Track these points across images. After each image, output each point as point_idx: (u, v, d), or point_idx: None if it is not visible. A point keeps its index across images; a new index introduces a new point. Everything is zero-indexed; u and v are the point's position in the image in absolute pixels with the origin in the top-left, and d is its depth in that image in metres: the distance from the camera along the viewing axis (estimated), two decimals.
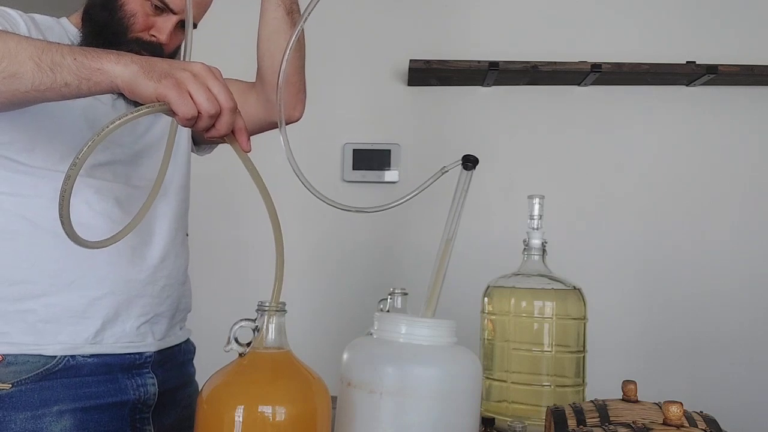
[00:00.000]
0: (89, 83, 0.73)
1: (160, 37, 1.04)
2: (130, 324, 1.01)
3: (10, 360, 0.93)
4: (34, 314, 0.95)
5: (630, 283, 2.01)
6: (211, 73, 0.72)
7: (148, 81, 0.70)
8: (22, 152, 0.94)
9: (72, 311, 0.96)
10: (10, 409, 0.91)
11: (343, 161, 2.02)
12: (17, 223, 0.95)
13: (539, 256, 1.15)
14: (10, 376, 0.92)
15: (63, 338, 0.96)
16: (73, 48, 0.76)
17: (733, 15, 2.06)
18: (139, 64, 0.71)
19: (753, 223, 2.01)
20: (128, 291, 1.01)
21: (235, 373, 0.68)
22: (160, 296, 1.06)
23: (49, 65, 0.74)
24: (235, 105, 0.72)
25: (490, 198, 1.95)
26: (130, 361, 1.01)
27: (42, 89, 0.75)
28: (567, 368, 1.11)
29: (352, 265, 2.04)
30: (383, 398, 0.70)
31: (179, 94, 0.69)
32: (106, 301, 0.99)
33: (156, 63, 0.72)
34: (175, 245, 1.10)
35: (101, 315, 0.98)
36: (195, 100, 0.69)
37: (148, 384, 1.03)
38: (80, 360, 0.96)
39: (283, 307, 0.70)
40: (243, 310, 0.76)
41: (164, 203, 1.09)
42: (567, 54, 1.97)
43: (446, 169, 0.92)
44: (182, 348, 1.15)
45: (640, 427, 0.67)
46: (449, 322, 0.76)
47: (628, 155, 2.05)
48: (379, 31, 2.11)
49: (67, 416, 0.93)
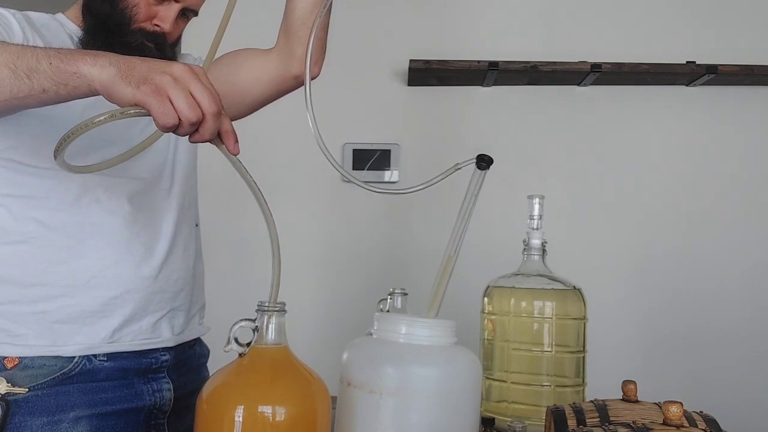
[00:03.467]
0: (67, 88, 0.70)
1: (163, 26, 1.03)
2: (147, 320, 1.01)
3: (27, 363, 0.92)
4: (51, 315, 0.94)
5: (630, 283, 2.01)
6: (193, 76, 0.68)
7: (126, 86, 0.66)
8: (27, 154, 0.94)
9: (89, 312, 0.96)
10: (26, 414, 0.90)
11: (343, 161, 2.02)
12: (28, 226, 0.95)
13: (539, 256, 1.15)
14: (27, 380, 0.91)
15: (80, 339, 0.95)
16: (49, 51, 0.72)
17: (733, 15, 2.06)
18: (117, 67, 0.67)
19: (752, 222, 2.01)
20: (143, 288, 1.00)
21: (235, 374, 0.68)
22: (173, 290, 1.05)
23: (25, 71, 0.71)
24: (218, 109, 0.68)
25: (490, 198, 1.94)
26: (146, 366, 1.01)
27: (21, 96, 0.72)
28: (567, 368, 1.11)
29: (352, 265, 2.04)
30: (383, 398, 0.70)
31: (159, 102, 0.65)
32: (122, 300, 0.98)
33: (135, 65, 0.68)
34: (182, 237, 1.09)
35: (119, 314, 0.98)
36: (175, 107, 0.65)
37: (164, 389, 1.03)
38: (97, 364, 0.96)
39: (283, 307, 0.70)
40: (243, 309, 0.76)
41: (169, 196, 1.08)
42: (567, 54, 1.97)
43: (459, 166, 0.89)
44: (196, 352, 1.14)
45: (640, 427, 0.67)
46: (449, 322, 0.76)
47: (628, 155, 2.05)
48: (379, 31, 2.11)
49: (83, 422, 0.93)
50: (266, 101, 1.17)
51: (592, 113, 2.06)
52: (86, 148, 0.93)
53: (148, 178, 1.04)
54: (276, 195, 2.03)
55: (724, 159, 2.04)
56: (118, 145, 0.97)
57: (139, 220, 1.02)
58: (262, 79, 1.14)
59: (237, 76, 1.14)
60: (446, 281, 0.83)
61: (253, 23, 1.40)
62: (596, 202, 2.04)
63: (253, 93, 1.15)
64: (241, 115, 1.18)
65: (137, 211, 1.00)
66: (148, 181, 1.04)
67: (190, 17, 1.10)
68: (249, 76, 1.14)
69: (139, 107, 0.66)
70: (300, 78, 1.12)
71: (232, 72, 1.14)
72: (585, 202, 2.03)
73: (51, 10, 1.07)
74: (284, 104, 1.20)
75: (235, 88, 1.14)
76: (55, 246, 0.95)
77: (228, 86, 1.12)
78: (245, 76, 1.14)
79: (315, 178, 2.05)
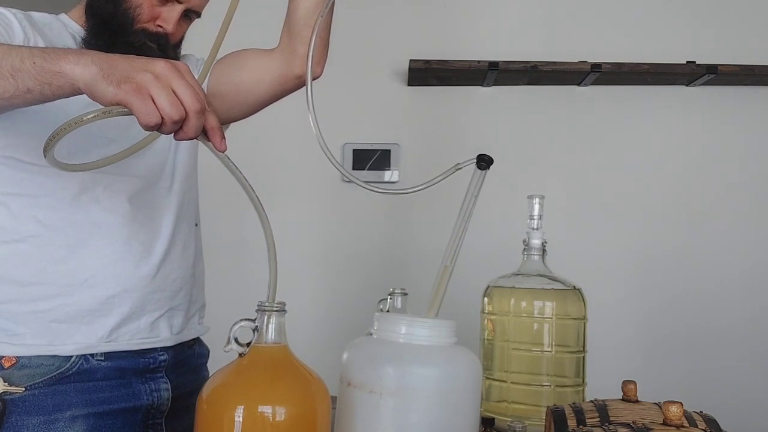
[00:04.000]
0: (51, 88, 0.70)
1: (166, 27, 1.03)
2: (145, 320, 1.01)
3: (24, 363, 0.92)
4: (48, 314, 0.95)
5: (630, 283, 2.01)
6: (175, 73, 0.67)
7: (108, 86, 0.66)
8: (27, 152, 0.94)
9: (86, 311, 0.96)
10: (23, 413, 0.90)
11: (343, 161, 2.02)
12: (27, 224, 0.95)
13: (539, 256, 1.15)
14: (24, 380, 0.91)
15: (78, 338, 0.95)
16: (33, 51, 0.72)
17: (733, 15, 2.06)
18: (99, 65, 0.67)
19: (752, 223, 2.01)
20: (141, 287, 1.00)
21: (235, 374, 0.68)
22: (172, 290, 1.05)
23: (9, 71, 0.70)
24: (202, 106, 0.67)
25: (490, 198, 1.94)
26: (144, 365, 1.01)
27: (6, 97, 0.72)
28: (567, 368, 1.11)
29: (352, 265, 2.04)
30: (383, 398, 0.70)
31: (140, 101, 0.64)
32: (120, 299, 0.98)
33: (117, 63, 0.67)
34: (182, 237, 1.08)
35: (116, 313, 0.98)
36: (157, 105, 0.65)
37: (162, 389, 1.03)
38: (94, 363, 0.96)
39: (283, 307, 0.70)
40: (243, 309, 0.76)
41: (169, 195, 1.08)
42: (567, 54, 1.97)
43: (460, 167, 0.89)
44: (196, 352, 1.14)
45: (640, 427, 0.67)
46: (449, 322, 0.76)
47: (628, 155, 2.05)
48: (379, 31, 2.11)
49: (80, 422, 0.93)
50: (269, 101, 1.17)
51: (592, 113, 2.06)
52: (87, 146, 0.94)
53: (147, 176, 1.04)
54: (276, 195, 2.04)
55: (724, 159, 2.04)
56: (119, 143, 0.97)
57: (138, 218, 1.02)
58: (264, 79, 1.14)
59: (239, 76, 1.14)
60: (446, 281, 0.83)
61: (254, 23, 1.41)
62: (596, 202, 2.04)
63: (255, 93, 1.15)
64: (244, 115, 1.18)
65: (136, 210, 1.00)
66: (148, 179, 1.04)
67: (193, 18, 1.10)
68: (251, 76, 1.14)
69: (122, 107, 0.66)
70: (303, 78, 1.12)
71: (234, 72, 1.14)
72: (585, 202, 2.03)
73: (53, 10, 1.07)
74: (285, 104, 1.20)
75: (238, 88, 1.14)
76: (54, 245, 0.95)
77: (230, 86, 1.13)
78: (248, 76, 1.14)
79: (315, 178, 2.05)
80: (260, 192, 0.74)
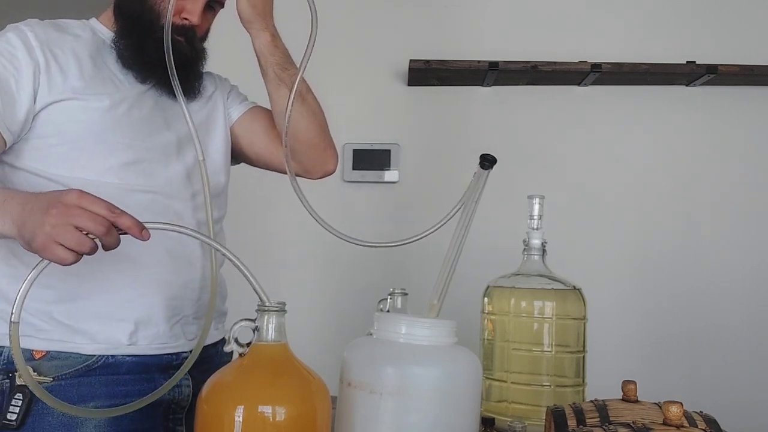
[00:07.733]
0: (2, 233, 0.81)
1: (191, 18, 1.05)
2: (164, 325, 1.01)
3: (54, 355, 0.95)
4: (69, 317, 0.96)
5: (630, 283, 2.01)
6: (72, 213, 0.74)
7: (25, 244, 0.77)
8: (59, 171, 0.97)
9: (103, 314, 0.97)
10: None
11: (343, 161, 2.02)
12: None
13: (539, 256, 1.15)
14: (52, 370, 0.94)
15: (100, 339, 0.97)
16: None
17: (733, 15, 2.06)
18: (17, 225, 0.78)
19: (752, 223, 2.01)
20: (160, 292, 1.01)
21: (235, 374, 0.68)
22: (191, 297, 1.05)
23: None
24: (107, 227, 0.74)
25: (490, 198, 1.94)
26: (167, 362, 1.02)
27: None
28: (567, 368, 1.11)
29: (352, 265, 2.04)
30: (383, 398, 0.70)
31: (50, 253, 0.74)
32: (137, 304, 0.99)
33: (26, 220, 0.77)
34: (208, 248, 1.08)
35: (133, 317, 0.99)
36: (68, 247, 0.74)
37: (183, 385, 1.03)
38: (119, 358, 0.98)
39: (283, 307, 0.70)
40: (243, 310, 0.76)
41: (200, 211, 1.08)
42: (567, 54, 1.97)
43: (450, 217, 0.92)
44: (219, 351, 1.14)
45: (640, 427, 0.67)
46: (449, 322, 0.76)
47: (628, 155, 2.05)
48: (379, 31, 2.11)
49: None
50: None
51: (592, 113, 2.06)
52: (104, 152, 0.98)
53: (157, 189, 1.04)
54: (276, 195, 2.03)
55: (724, 159, 2.03)
56: (135, 149, 1.00)
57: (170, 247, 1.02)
58: (269, 164, 1.24)
59: (253, 147, 1.23)
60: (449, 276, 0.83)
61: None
62: (596, 202, 2.04)
63: (257, 163, 1.27)
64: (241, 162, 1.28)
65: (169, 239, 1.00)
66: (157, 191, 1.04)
67: (217, 9, 1.12)
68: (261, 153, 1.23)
69: None
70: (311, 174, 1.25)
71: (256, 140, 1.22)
72: (585, 202, 2.03)
73: (77, 16, 1.09)
74: None
75: (246, 150, 1.23)
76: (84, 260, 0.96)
77: (245, 144, 1.22)
78: (258, 151, 1.23)
79: None
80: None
